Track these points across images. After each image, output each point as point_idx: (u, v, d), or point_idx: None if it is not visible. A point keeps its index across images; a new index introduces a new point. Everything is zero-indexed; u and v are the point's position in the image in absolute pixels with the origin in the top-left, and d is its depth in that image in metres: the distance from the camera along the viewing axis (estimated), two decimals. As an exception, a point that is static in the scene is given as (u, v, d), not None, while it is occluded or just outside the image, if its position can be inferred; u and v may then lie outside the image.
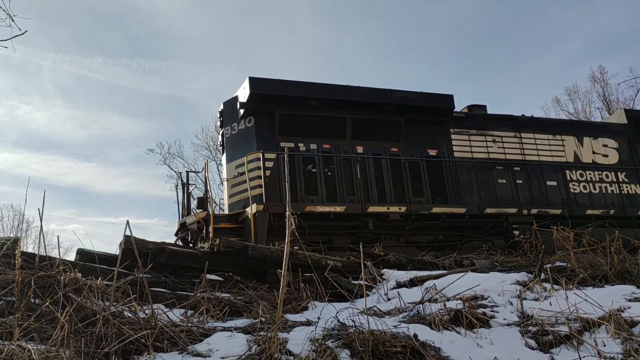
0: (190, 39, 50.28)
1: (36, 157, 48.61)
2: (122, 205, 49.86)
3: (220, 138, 11.28)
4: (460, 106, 11.83)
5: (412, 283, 5.47)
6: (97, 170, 48.51)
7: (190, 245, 9.63)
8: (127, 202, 49.40)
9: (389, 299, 5.13)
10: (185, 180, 11.16)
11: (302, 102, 9.85)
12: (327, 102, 9.93)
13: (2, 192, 45.67)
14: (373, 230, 9.51)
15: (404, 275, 5.74)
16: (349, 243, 9.09)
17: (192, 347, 3.51)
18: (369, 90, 10.33)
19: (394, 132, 10.57)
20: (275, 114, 9.80)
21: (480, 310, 4.42)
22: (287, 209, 3.79)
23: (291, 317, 4.50)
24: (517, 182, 11.02)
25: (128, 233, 4.42)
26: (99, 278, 4.45)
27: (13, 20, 4.62)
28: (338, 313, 3.98)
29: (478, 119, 11.56)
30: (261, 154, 9.14)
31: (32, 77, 48.62)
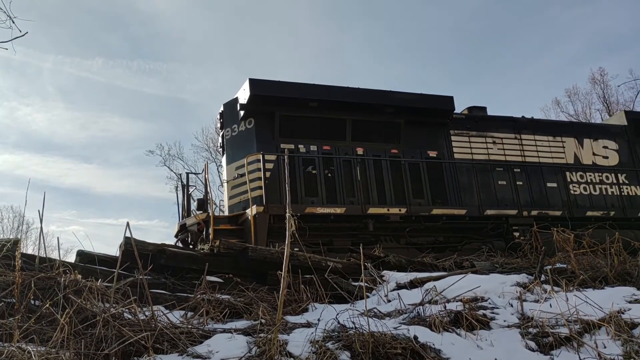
0: (190, 40, 50.40)
1: (36, 159, 48.66)
2: (122, 207, 49.90)
3: (220, 139, 11.29)
4: (460, 108, 11.86)
5: (412, 284, 5.47)
6: (97, 172, 48.56)
7: (190, 246, 9.64)
8: (127, 204, 49.46)
9: (389, 301, 5.13)
10: (185, 182, 11.15)
11: (302, 103, 9.86)
12: (327, 104, 9.95)
13: (2, 193, 45.70)
14: (373, 232, 9.50)
15: (404, 276, 5.73)
16: (349, 244, 9.09)
17: (192, 348, 3.51)
18: (369, 92, 10.34)
19: (394, 133, 10.57)
20: (276, 116, 9.81)
21: (481, 311, 4.42)
22: (287, 210, 3.79)
23: (291, 318, 4.50)
24: (517, 183, 11.02)
25: (128, 234, 4.43)
26: (99, 280, 4.45)
27: (13, 22, 4.63)
28: (338, 315, 3.97)
29: (478, 120, 11.57)
30: (261, 156, 9.14)
31: (32, 78, 48.72)
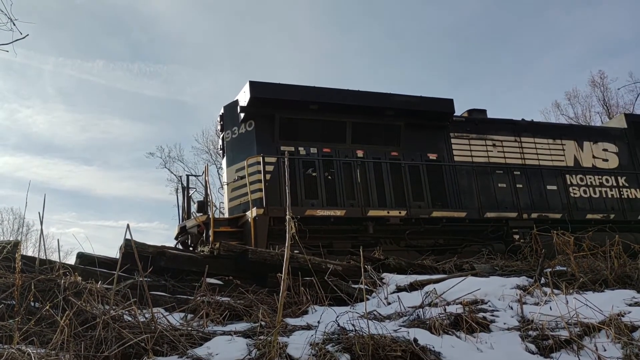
0: (190, 43, 50.48)
1: (37, 161, 48.72)
2: (122, 209, 49.95)
3: (220, 142, 11.30)
4: (460, 110, 11.86)
5: (412, 287, 5.47)
6: (98, 174, 48.61)
7: (190, 249, 9.63)
8: (127, 206, 49.51)
9: (389, 303, 5.12)
10: (185, 184, 11.17)
11: (303, 106, 9.87)
12: (327, 106, 9.95)
13: (3, 195, 45.79)
14: (373, 234, 9.50)
15: (404, 279, 5.73)
16: (349, 247, 9.08)
17: (191, 351, 3.50)
18: (369, 95, 10.35)
19: (394, 136, 10.58)
20: (276, 118, 9.81)
21: (481, 314, 4.41)
22: (288, 212, 3.79)
23: (291, 321, 4.49)
24: (517, 186, 11.01)
25: (128, 237, 4.44)
26: (99, 282, 4.45)
27: (14, 24, 4.63)
28: (338, 317, 3.97)
29: (478, 123, 11.57)
30: (261, 158, 9.15)
31: (33, 80, 48.78)
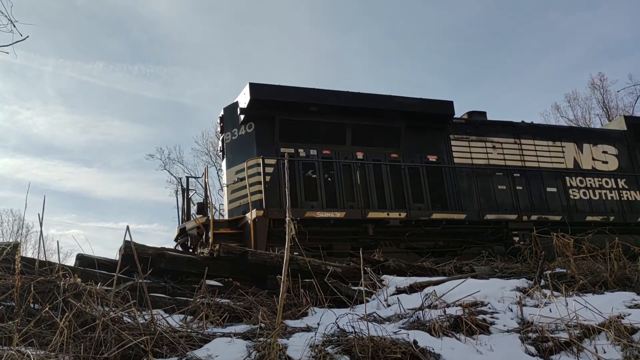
0: (190, 44, 50.52)
1: (37, 162, 48.71)
2: (122, 211, 49.89)
3: (220, 143, 11.30)
4: (460, 112, 11.88)
5: (412, 289, 5.47)
6: (98, 176, 48.59)
7: (190, 250, 9.63)
8: (127, 208, 49.47)
9: (388, 305, 5.12)
10: (185, 186, 11.17)
11: (302, 107, 9.88)
12: (327, 108, 9.96)
13: (3, 197, 45.75)
14: (373, 236, 9.50)
15: (404, 281, 5.73)
16: (349, 249, 9.07)
17: (191, 352, 3.50)
18: (369, 96, 10.36)
19: (394, 138, 10.59)
20: (276, 120, 9.82)
21: (480, 316, 4.41)
22: (287, 214, 3.79)
23: (291, 323, 4.49)
24: (517, 188, 11.01)
25: (128, 238, 4.43)
26: (99, 283, 4.44)
27: (14, 26, 4.64)
28: (338, 319, 3.97)
29: (478, 125, 11.58)
30: (261, 160, 9.16)
31: (33, 82, 48.79)
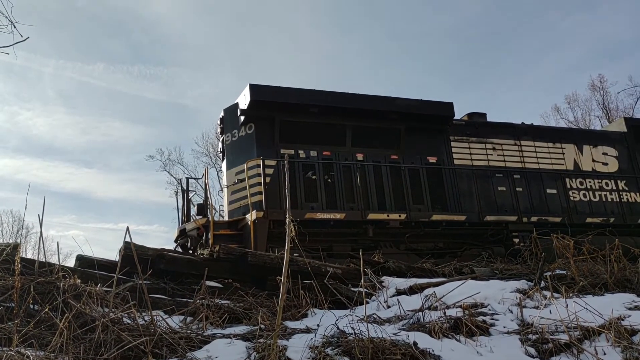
0: (191, 45, 50.54)
1: (37, 163, 48.68)
2: (122, 212, 49.85)
3: (220, 145, 11.31)
4: (460, 114, 11.89)
5: (412, 290, 5.46)
6: (98, 177, 48.56)
7: (190, 251, 9.63)
8: (127, 209, 49.41)
9: (388, 307, 5.12)
10: (185, 187, 11.16)
11: (303, 109, 9.88)
12: (327, 109, 9.97)
13: (3, 198, 45.69)
14: (373, 238, 9.50)
15: (404, 282, 5.73)
16: (349, 250, 9.07)
17: (191, 354, 3.50)
18: (369, 98, 10.37)
19: (394, 139, 10.59)
20: (276, 121, 9.83)
21: (480, 318, 4.41)
22: (287, 215, 3.79)
23: (291, 324, 4.49)
24: (517, 189, 11.02)
25: (128, 239, 4.43)
26: (99, 284, 4.44)
27: (15, 27, 4.64)
28: (338, 320, 3.97)
29: (478, 126, 11.59)
30: (261, 161, 9.16)
31: (33, 83, 48.80)
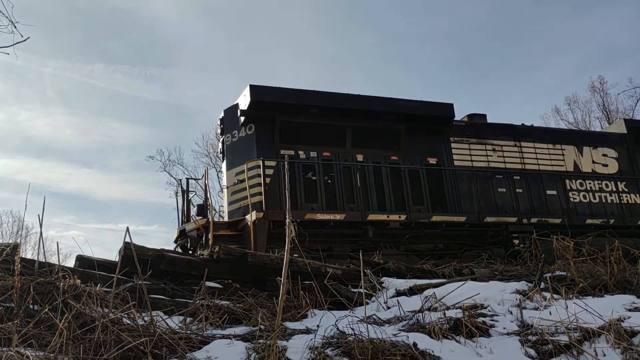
0: (191, 46, 50.52)
1: (36, 164, 48.64)
2: (121, 212, 49.80)
3: (220, 145, 11.31)
4: (460, 115, 11.90)
5: (412, 291, 5.46)
6: (97, 177, 48.51)
7: (190, 252, 9.62)
8: (126, 209, 49.35)
9: (388, 308, 5.12)
10: (185, 188, 11.16)
11: (303, 110, 9.89)
12: (327, 110, 9.97)
13: (2, 198, 45.62)
14: (373, 239, 9.50)
15: (404, 283, 5.73)
16: (349, 251, 9.07)
17: (191, 354, 3.50)
18: (369, 99, 10.37)
19: (394, 140, 10.59)
20: (276, 122, 9.83)
21: (480, 319, 4.41)
22: (287, 216, 3.79)
23: (290, 325, 4.49)
24: (517, 191, 11.02)
25: (128, 240, 4.43)
26: (98, 285, 4.44)
27: (15, 27, 4.64)
28: (337, 321, 3.97)
29: (478, 127, 11.60)
30: (261, 162, 9.16)
31: (33, 83, 48.73)
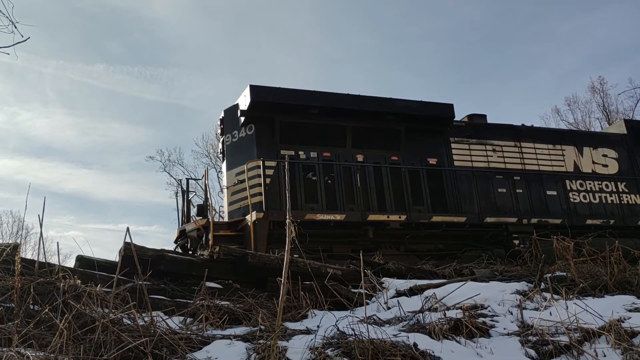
0: (191, 46, 50.56)
1: (36, 164, 48.67)
2: (121, 212, 49.84)
3: (220, 145, 11.31)
4: (460, 115, 11.91)
5: (412, 292, 5.46)
6: (97, 177, 48.56)
7: (190, 252, 9.62)
8: (126, 209, 49.38)
9: (388, 308, 5.12)
10: (185, 188, 11.16)
11: (303, 110, 9.89)
12: (327, 111, 9.97)
13: (2, 198, 45.66)
14: (373, 239, 9.50)
15: (404, 283, 5.73)
16: (349, 251, 9.07)
17: (191, 355, 3.50)
18: (370, 99, 10.37)
19: (394, 140, 10.60)
20: (276, 122, 9.83)
21: (480, 319, 4.41)
22: (287, 216, 3.79)
23: (291, 325, 4.49)
24: (517, 191, 11.03)
25: (128, 240, 4.43)
26: (99, 285, 4.44)
27: (15, 27, 4.63)
28: (338, 321, 3.97)
29: (478, 128, 11.60)
30: (261, 162, 9.16)
31: (33, 83, 48.79)
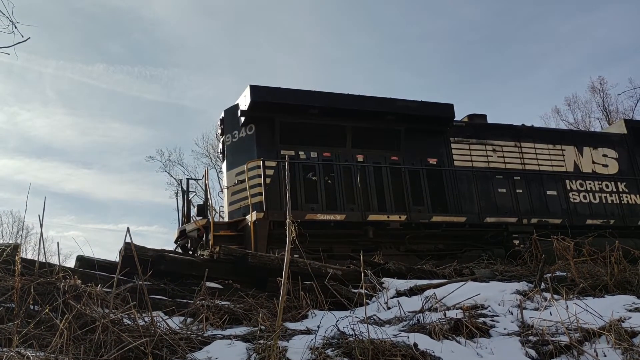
0: (191, 47, 50.56)
1: (36, 164, 48.66)
2: (122, 213, 49.85)
3: (220, 145, 11.31)
4: (460, 115, 11.91)
5: (412, 292, 5.46)
6: (97, 177, 48.57)
7: (190, 252, 9.62)
8: (127, 209, 49.39)
9: (389, 308, 5.12)
10: (185, 188, 11.16)
11: (303, 110, 9.89)
12: (327, 111, 9.97)
13: (2, 198, 45.66)
14: (373, 239, 9.50)
15: (404, 284, 5.73)
16: (349, 251, 9.07)
17: (191, 355, 3.50)
18: (370, 99, 10.37)
19: (394, 140, 10.60)
20: (276, 122, 9.83)
21: (481, 319, 4.41)
22: (288, 216, 3.79)
23: (291, 325, 4.49)
24: (517, 191, 11.03)
25: (128, 240, 4.43)
26: (99, 285, 4.44)
27: (16, 27, 4.63)
28: (338, 322, 3.97)
29: (478, 128, 11.60)
30: (261, 162, 9.16)
31: (33, 84, 48.78)
